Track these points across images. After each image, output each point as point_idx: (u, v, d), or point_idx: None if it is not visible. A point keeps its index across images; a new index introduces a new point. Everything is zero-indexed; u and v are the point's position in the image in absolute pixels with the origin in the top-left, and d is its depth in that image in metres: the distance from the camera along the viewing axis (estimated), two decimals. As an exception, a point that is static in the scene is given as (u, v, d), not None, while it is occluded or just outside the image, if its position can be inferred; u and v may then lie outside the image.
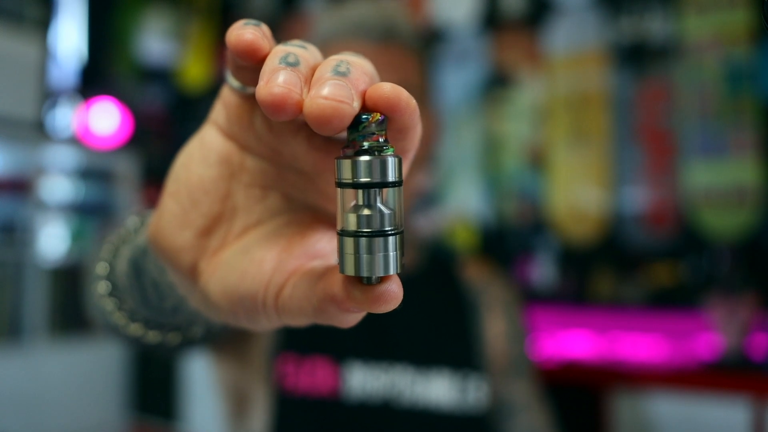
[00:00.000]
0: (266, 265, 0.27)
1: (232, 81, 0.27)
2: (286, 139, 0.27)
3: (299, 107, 0.21)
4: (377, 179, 0.22)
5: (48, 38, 2.50)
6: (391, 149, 0.22)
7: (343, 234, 0.22)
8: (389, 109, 0.22)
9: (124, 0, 2.71)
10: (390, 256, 0.22)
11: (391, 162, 0.22)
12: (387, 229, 0.22)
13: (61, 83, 2.59)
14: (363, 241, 0.22)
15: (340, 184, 0.22)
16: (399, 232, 0.22)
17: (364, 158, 0.22)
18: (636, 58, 1.41)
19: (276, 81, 0.21)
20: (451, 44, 1.70)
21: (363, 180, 0.22)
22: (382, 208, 0.22)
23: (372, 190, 0.22)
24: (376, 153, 0.22)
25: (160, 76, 2.62)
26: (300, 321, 0.26)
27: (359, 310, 0.23)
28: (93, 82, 2.66)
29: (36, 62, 2.37)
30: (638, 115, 1.40)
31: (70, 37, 2.63)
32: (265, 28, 0.25)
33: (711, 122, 1.30)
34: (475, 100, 1.65)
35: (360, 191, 0.22)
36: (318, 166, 0.27)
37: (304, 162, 0.28)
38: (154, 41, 2.62)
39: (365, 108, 0.22)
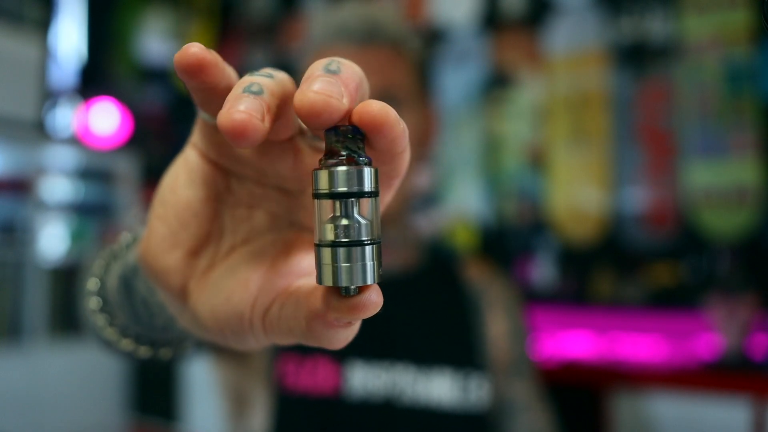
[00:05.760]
0: (251, 285, 0.27)
1: (201, 113, 0.27)
2: (271, 160, 0.27)
3: (261, 134, 0.21)
4: (354, 189, 0.22)
5: (48, 38, 2.50)
6: (368, 160, 0.22)
7: (320, 245, 0.22)
8: (376, 126, 0.22)
9: (124, 0, 2.71)
10: (368, 265, 0.22)
11: (367, 172, 0.22)
12: (364, 239, 0.22)
13: (61, 83, 2.59)
14: (341, 251, 0.22)
15: (317, 195, 0.22)
16: (376, 243, 0.22)
17: (341, 168, 0.22)
18: (636, 58, 1.41)
19: (237, 107, 0.21)
20: (451, 44, 1.70)
21: (339, 190, 0.22)
22: (359, 218, 0.22)
23: (349, 201, 0.22)
24: (352, 164, 0.22)
25: (160, 76, 2.62)
26: (288, 340, 0.26)
27: (340, 320, 0.23)
28: (93, 82, 2.66)
29: (36, 62, 2.37)
30: (638, 115, 1.40)
31: (70, 37, 2.63)
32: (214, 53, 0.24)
33: (711, 122, 1.30)
34: (475, 100, 1.65)
35: (337, 202, 0.22)
36: (303, 184, 0.28)
37: (289, 181, 0.28)
38: (154, 41, 2.62)
39: (351, 123, 0.22)
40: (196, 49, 0.23)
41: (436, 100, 0.99)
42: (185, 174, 0.28)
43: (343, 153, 0.22)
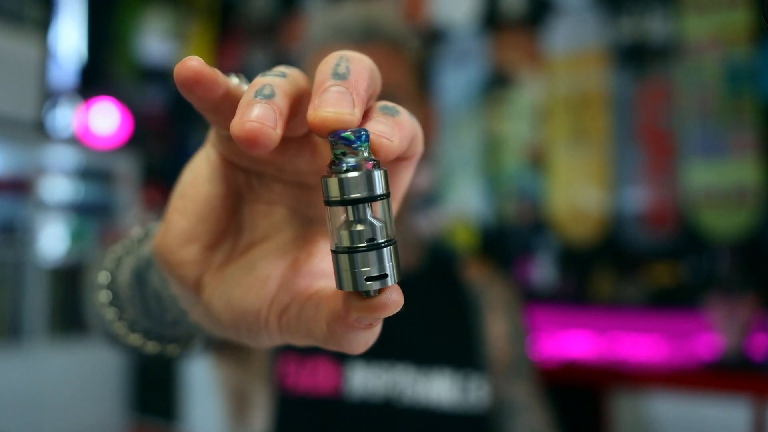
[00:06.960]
0: (271, 282, 0.27)
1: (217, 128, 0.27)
2: (290, 156, 0.27)
3: (273, 141, 0.21)
4: (365, 194, 0.22)
5: (48, 38, 2.50)
6: (376, 162, 0.22)
7: (337, 251, 0.22)
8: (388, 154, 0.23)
9: (124, 0, 2.71)
10: (386, 267, 0.22)
11: (377, 175, 0.22)
12: (380, 241, 0.22)
13: (61, 83, 2.59)
14: (358, 256, 0.22)
15: (329, 203, 0.22)
16: (392, 243, 0.22)
17: (351, 174, 0.21)
18: (636, 58, 1.41)
19: (249, 116, 0.21)
20: (451, 44, 1.70)
21: (351, 196, 0.22)
22: (373, 221, 0.22)
23: (361, 205, 0.22)
24: (361, 168, 0.22)
25: (160, 76, 2.62)
26: (304, 342, 0.26)
27: (361, 321, 0.23)
28: (93, 82, 2.66)
29: (36, 62, 2.37)
30: (638, 115, 1.40)
31: (70, 37, 2.63)
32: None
33: (711, 122, 1.30)
34: (475, 100, 1.65)
35: (350, 208, 0.22)
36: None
37: (308, 176, 0.28)
38: (154, 41, 2.62)
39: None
40: (194, 62, 0.23)
41: (436, 100, 0.99)
42: (207, 170, 0.28)
43: (351, 157, 0.22)
